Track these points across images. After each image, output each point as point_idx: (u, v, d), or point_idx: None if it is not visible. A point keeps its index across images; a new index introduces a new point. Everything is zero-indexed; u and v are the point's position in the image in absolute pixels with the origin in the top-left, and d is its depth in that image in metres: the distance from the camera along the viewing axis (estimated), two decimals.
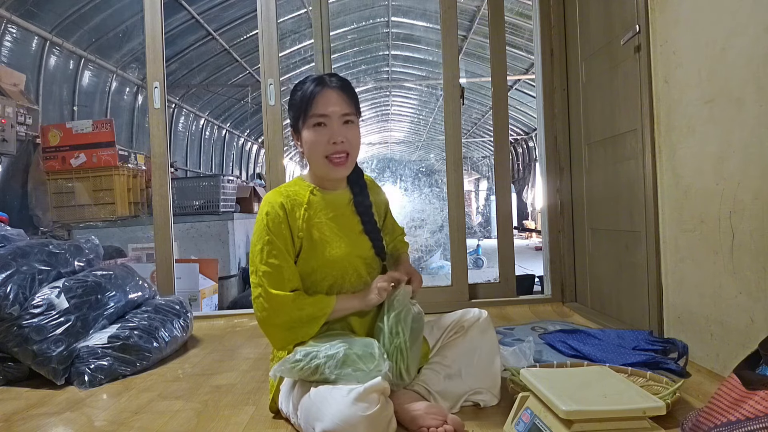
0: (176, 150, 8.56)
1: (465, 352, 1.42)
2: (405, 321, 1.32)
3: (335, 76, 1.40)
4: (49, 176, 4.25)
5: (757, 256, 1.41)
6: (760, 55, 1.39)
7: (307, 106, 1.35)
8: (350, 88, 1.40)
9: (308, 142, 1.37)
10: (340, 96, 1.36)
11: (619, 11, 2.17)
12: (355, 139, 1.39)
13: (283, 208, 1.36)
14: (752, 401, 0.97)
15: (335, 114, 1.35)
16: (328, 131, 1.35)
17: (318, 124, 1.35)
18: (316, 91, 1.35)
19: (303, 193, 1.42)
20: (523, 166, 14.41)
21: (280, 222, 1.35)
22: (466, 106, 3.14)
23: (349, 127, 1.38)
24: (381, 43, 10.00)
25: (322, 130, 1.35)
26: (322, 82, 1.37)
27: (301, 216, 1.38)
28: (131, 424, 1.44)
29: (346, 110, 1.37)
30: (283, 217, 1.36)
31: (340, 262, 1.40)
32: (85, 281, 2.01)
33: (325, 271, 1.40)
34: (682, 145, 1.76)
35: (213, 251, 4.36)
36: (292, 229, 1.37)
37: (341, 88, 1.38)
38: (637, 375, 1.53)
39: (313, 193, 1.42)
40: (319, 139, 1.35)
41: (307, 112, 1.35)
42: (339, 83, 1.38)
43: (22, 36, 4.71)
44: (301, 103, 1.37)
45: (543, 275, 2.99)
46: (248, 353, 2.16)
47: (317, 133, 1.35)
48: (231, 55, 8.09)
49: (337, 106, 1.36)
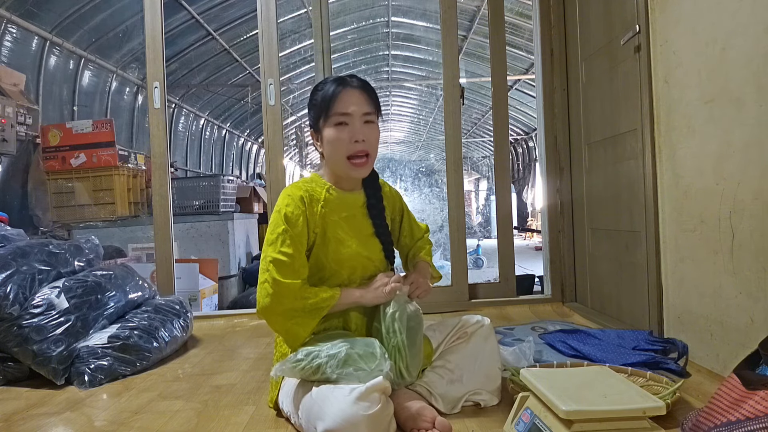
0: (176, 150, 8.56)
1: (467, 357, 1.43)
2: (401, 320, 1.32)
3: (356, 77, 1.41)
4: (49, 176, 4.25)
5: (757, 256, 1.41)
6: (760, 55, 1.39)
7: (329, 105, 1.36)
8: (371, 88, 1.41)
9: (330, 141, 1.38)
10: (361, 95, 1.37)
11: (619, 11, 2.17)
12: (375, 140, 1.41)
13: (302, 201, 1.37)
14: (752, 401, 0.97)
15: (357, 113, 1.37)
16: (349, 130, 1.36)
17: (340, 123, 1.36)
18: (338, 90, 1.36)
19: (320, 191, 1.42)
20: (523, 166, 14.41)
21: (299, 215, 1.35)
22: (466, 106, 3.14)
23: (370, 127, 1.39)
24: (381, 43, 10.00)
25: (344, 128, 1.36)
26: (344, 82, 1.38)
27: (318, 212, 1.39)
28: (131, 424, 1.44)
29: (367, 109, 1.38)
30: (302, 210, 1.36)
31: (350, 261, 1.41)
32: (85, 281, 2.01)
33: (333, 268, 1.41)
34: (682, 145, 1.76)
35: (213, 251, 4.36)
36: (309, 223, 1.37)
37: (362, 87, 1.39)
38: (637, 375, 1.53)
39: (330, 192, 1.43)
40: (340, 136, 1.36)
41: (329, 111, 1.36)
42: (360, 83, 1.39)
43: (22, 36, 4.71)
44: (323, 102, 1.37)
45: (543, 275, 2.99)
46: (248, 353, 2.16)
47: (339, 132, 1.36)
48: (231, 55, 8.09)
49: (358, 105, 1.36)
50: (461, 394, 1.41)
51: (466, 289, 2.87)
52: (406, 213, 1.62)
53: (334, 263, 1.40)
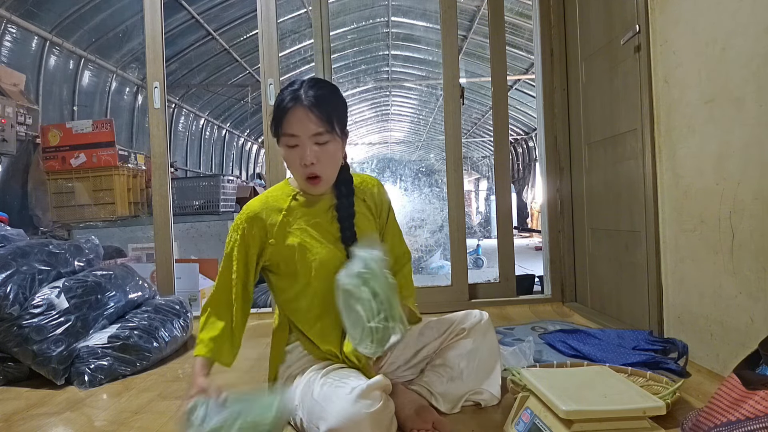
0: (176, 150, 8.57)
1: (466, 354, 1.42)
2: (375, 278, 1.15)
3: (314, 87, 1.28)
4: (49, 176, 4.25)
5: (757, 256, 1.41)
6: (760, 55, 1.39)
7: (280, 122, 1.29)
8: (326, 102, 1.28)
9: (284, 158, 1.33)
10: (310, 114, 1.26)
11: (619, 11, 2.17)
12: (328, 159, 1.29)
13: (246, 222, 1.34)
14: (752, 401, 0.97)
15: (305, 134, 1.26)
16: (299, 151, 1.28)
17: (289, 145, 1.29)
18: (287, 107, 1.27)
19: (284, 199, 1.37)
20: (523, 166, 14.41)
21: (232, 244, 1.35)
22: (466, 106, 3.14)
23: (322, 147, 1.28)
24: (381, 43, 9.99)
25: (294, 150, 1.29)
26: (296, 97, 1.27)
27: (277, 222, 1.34)
28: (131, 424, 1.44)
29: (318, 129, 1.26)
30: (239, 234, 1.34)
31: (320, 269, 1.32)
32: (85, 281, 2.01)
33: (306, 277, 1.33)
34: (682, 145, 1.76)
35: (213, 251, 4.35)
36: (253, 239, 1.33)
37: (315, 104, 1.26)
38: (637, 375, 1.53)
39: (296, 198, 1.37)
40: (290, 157, 1.30)
41: (280, 129, 1.30)
42: (312, 100, 1.26)
43: (22, 36, 4.71)
44: (276, 115, 1.31)
45: (543, 275, 2.99)
46: (248, 353, 2.16)
47: (288, 152, 1.30)
48: (231, 55, 8.09)
49: (307, 125, 1.26)
50: (462, 392, 1.41)
51: (466, 289, 2.87)
52: (391, 221, 1.49)
53: (303, 271, 1.33)
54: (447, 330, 1.47)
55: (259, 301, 3.91)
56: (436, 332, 1.48)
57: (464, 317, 1.47)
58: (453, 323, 1.47)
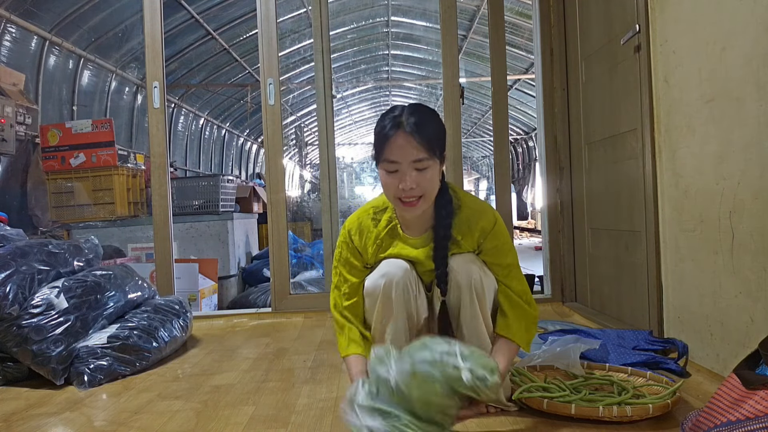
0: (176, 150, 8.57)
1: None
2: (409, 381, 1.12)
3: (415, 114, 1.32)
4: (48, 176, 4.24)
5: (757, 256, 1.41)
6: (760, 55, 1.38)
7: (381, 148, 1.33)
8: (427, 128, 1.32)
9: (382, 182, 1.37)
10: (412, 141, 1.29)
11: (619, 11, 2.17)
12: (428, 183, 1.32)
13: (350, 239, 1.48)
14: (752, 401, 0.97)
15: (406, 160, 1.30)
16: (398, 177, 1.32)
17: (389, 170, 1.33)
18: (390, 134, 1.31)
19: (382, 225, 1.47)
20: (523, 166, 14.43)
21: (347, 255, 1.48)
22: (466, 105, 3.14)
23: (421, 172, 1.31)
24: (381, 42, 10.00)
25: (394, 175, 1.33)
26: (398, 124, 1.31)
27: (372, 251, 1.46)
28: (131, 424, 1.44)
29: (419, 156, 1.30)
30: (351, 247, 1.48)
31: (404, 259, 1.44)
32: (84, 281, 2.01)
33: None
34: (682, 145, 1.76)
35: (212, 251, 4.36)
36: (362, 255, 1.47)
37: (416, 131, 1.30)
38: (637, 375, 1.53)
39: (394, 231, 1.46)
40: (389, 183, 1.34)
41: (380, 155, 1.34)
42: (414, 126, 1.30)
43: (21, 36, 4.71)
44: (377, 142, 1.35)
45: (543, 275, 2.99)
46: (248, 353, 2.16)
47: (388, 177, 1.34)
48: (230, 55, 8.09)
49: (408, 152, 1.30)
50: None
51: None
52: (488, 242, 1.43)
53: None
54: None
55: (259, 302, 3.91)
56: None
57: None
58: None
